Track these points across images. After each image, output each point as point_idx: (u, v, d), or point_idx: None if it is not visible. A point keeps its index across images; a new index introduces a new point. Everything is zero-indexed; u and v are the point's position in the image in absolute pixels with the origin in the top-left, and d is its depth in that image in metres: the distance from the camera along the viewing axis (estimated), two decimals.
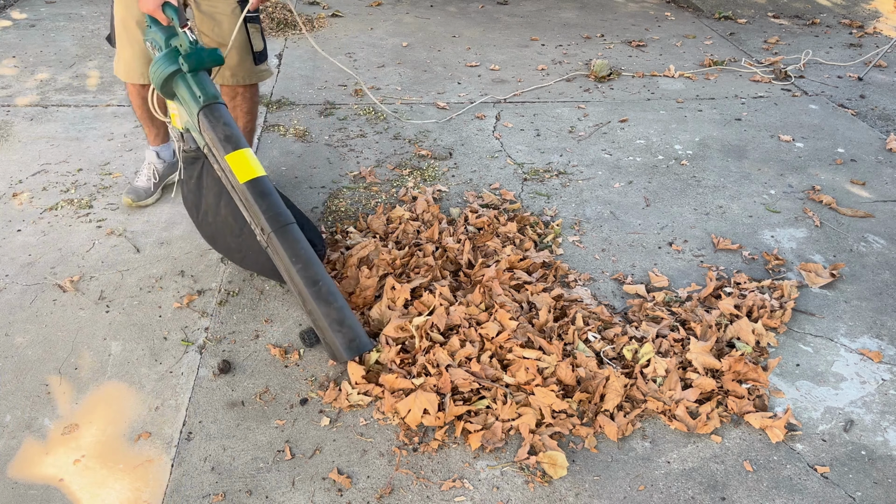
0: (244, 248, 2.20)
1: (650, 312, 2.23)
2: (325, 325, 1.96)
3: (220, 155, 2.06)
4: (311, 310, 1.99)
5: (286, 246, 2.01)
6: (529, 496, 1.68)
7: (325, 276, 2.01)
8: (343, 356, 1.95)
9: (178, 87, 2.11)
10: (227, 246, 2.26)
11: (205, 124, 2.07)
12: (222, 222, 2.20)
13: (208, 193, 2.21)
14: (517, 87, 4.03)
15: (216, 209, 2.20)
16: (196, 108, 2.07)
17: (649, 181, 3.08)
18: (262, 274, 2.30)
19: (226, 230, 2.21)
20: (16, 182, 2.90)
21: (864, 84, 4.24)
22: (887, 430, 1.89)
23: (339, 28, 5.01)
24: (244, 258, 2.25)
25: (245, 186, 2.04)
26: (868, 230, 2.76)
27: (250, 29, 2.43)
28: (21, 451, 1.76)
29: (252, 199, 2.03)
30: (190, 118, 2.12)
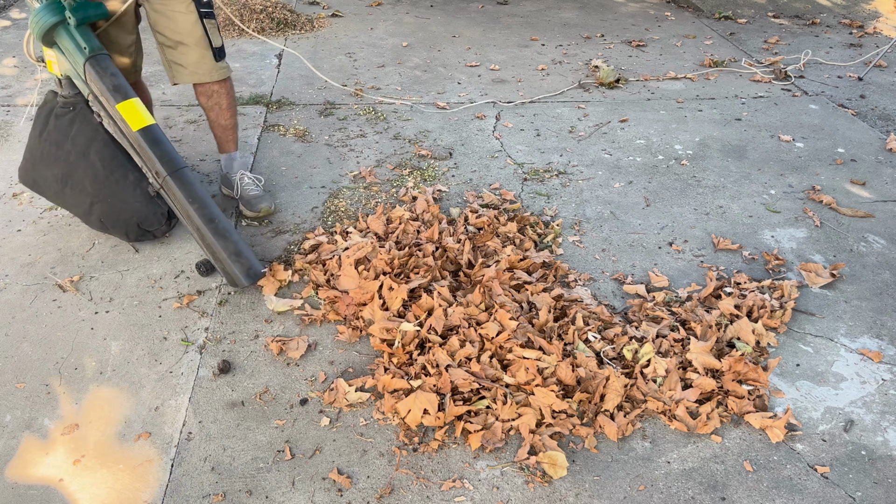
0: (103, 195, 2.32)
1: (650, 312, 2.23)
2: (223, 256, 2.21)
3: (111, 104, 2.20)
4: (208, 244, 2.23)
5: (182, 187, 2.22)
6: (529, 496, 1.68)
7: (219, 214, 2.26)
8: (242, 282, 2.24)
9: (61, 38, 2.21)
10: (80, 188, 2.34)
11: (92, 74, 2.20)
12: (87, 166, 2.30)
13: (78, 136, 2.31)
14: (517, 88, 4.03)
15: (83, 150, 2.30)
16: (82, 59, 2.19)
17: (649, 181, 3.08)
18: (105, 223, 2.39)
19: (87, 174, 2.31)
20: (16, 182, 2.90)
21: (864, 84, 4.24)
22: (887, 430, 1.89)
23: (339, 28, 5.01)
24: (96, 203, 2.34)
25: (138, 134, 2.20)
26: (868, 230, 2.76)
27: (207, 25, 2.43)
28: (21, 451, 1.76)
29: (146, 146, 2.21)
30: (74, 68, 2.22)
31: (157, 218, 2.38)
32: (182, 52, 2.46)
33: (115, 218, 2.36)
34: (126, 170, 2.31)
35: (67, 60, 2.23)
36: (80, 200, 2.38)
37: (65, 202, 2.45)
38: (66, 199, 2.43)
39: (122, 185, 2.31)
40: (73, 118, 2.32)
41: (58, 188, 2.41)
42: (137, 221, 2.36)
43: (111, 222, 2.38)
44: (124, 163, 2.31)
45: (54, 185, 2.41)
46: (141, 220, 2.36)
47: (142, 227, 2.38)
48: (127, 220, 2.35)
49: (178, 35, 2.42)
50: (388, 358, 2.01)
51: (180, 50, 2.46)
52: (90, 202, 2.36)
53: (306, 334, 2.14)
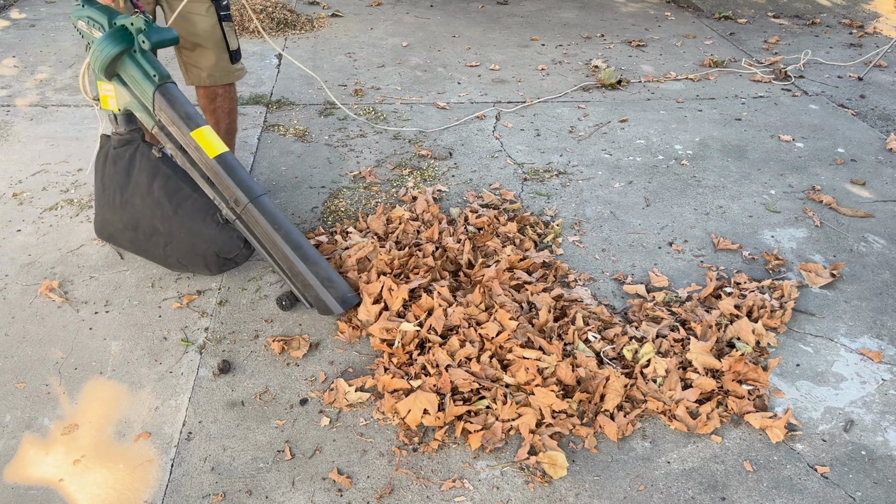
0: (174, 230, 2.23)
1: (650, 312, 2.23)
2: (315, 283, 2.11)
3: (185, 131, 2.09)
4: (297, 272, 2.12)
5: (265, 214, 2.12)
6: (529, 496, 1.68)
7: (305, 241, 2.16)
8: (337, 309, 2.13)
9: (126, 67, 2.10)
10: (152, 229, 2.26)
11: (162, 103, 2.09)
12: (153, 203, 2.22)
13: (140, 175, 2.22)
14: (517, 88, 4.03)
15: (147, 190, 2.22)
16: (151, 88, 2.09)
17: (649, 181, 3.08)
18: (184, 260, 2.28)
19: (155, 213, 2.23)
20: (16, 182, 2.90)
21: (864, 84, 4.24)
22: (887, 430, 1.89)
23: (339, 28, 5.01)
24: (170, 242, 2.26)
25: (215, 161, 2.10)
26: (868, 230, 2.76)
27: (225, 28, 2.43)
28: (21, 452, 1.76)
29: (224, 173, 2.11)
30: (141, 98, 2.13)
31: (235, 243, 2.25)
32: (200, 55, 2.46)
33: (192, 252, 2.25)
34: (194, 200, 2.22)
35: (129, 92, 2.14)
36: (155, 242, 2.28)
37: (141, 249, 2.35)
38: (140, 245, 2.33)
39: (192, 216, 2.21)
40: (132, 157, 2.23)
41: (131, 235, 2.32)
42: (216, 251, 2.24)
43: (189, 258, 2.27)
44: (190, 194, 2.22)
45: (127, 233, 2.32)
46: (219, 249, 2.24)
47: (220, 255, 2.26)
48: (205, 251, 2.24)
49: (197, 37, 2.42)
50: (388, 358, 2.01)
51: (198, 52, 2.46)
52: (164, 242, 2.26)
53: (307, 333, 2.14)
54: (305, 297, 2.17)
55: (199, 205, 2.22)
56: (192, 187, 2.23)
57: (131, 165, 2.23)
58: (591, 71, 4.31)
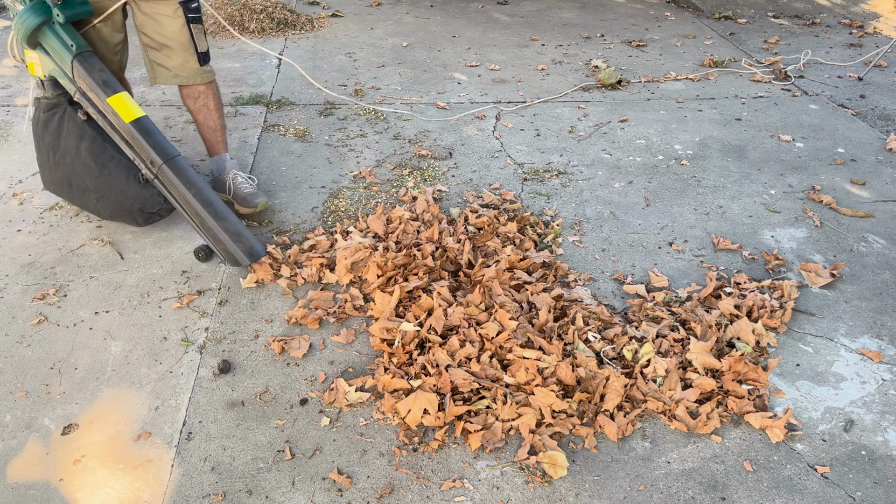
0: (102, 188, 2.41)
1: (650, 312, 2.23)
2: (224, 237, 2.30)
3: (102, 98, 2.26)
4: (208, 227, 2.30)
5: (179, 174, 2.30)
6: (529, 496, 1.68)
7: (216, 198, 2.35)
8: (245, 261, 2.33)
9: (46, 38, 2.26)
10: (83, 187, 2.44)
11: (80, 71, 2.25)
12: (81, 164, 2.39)
13: (68, 137, 2.38)
14: (517, 88, 4.03)
15: (76, 151, 2.38)
16: (70, 57, 2.25)
17: (649, 181, 3.08)
18: (113, 215, 2.49)
19: (84, 172, 2.40)
20: (16, 182, 2.90)
21: (864, 84, 4.24)
22: (887, 430, 1.89)
23: (339, 28, 5.01)
24: (101, 198, 2.44)
25: (131, 125, 2.27)
26: (868, 230, 2.76)
27: (194, 30, 2.45)
28: (21, 451, 1.76)
29: (139, 136, 2.28)
30: (61, 66, 2.27)
31: (157, 199, 2.43)
32: (166, 55, 2.49)
33: (119, 208, 2.44)
34: (117, 161, 2.39)
35: (52, 60, 2.28)
36: (87, 198, 2.47)
37: (78, 202, 2.55)
38: (76, 199, 2.53)
39: (116, 175, 2.38)
40: (60, 120, 2.39)
41: (68, 191, 2.51)
42: (140, 206, 2.42)
43: (117, 213, 2.47)
44: (114, 154, 2.39)
45: (65, 188, 2.50)
46: (143, 205, 2.42)
47: (145, 210, 2.44)
48: (130, 207, 2.42)
49: (164, 38, 2.45)
50: (388, 358, 2.01)
51: (165, 52, 2.48)
52: (95, 199, 2.45)
53: (307, 333, 2.14)
54: (217, 249, 2.35)
55: (122, 164, 2.39)
56: (116, 148, 2.39)
57: (60, 128, 2.40)
58: (591, 71, 4.31)
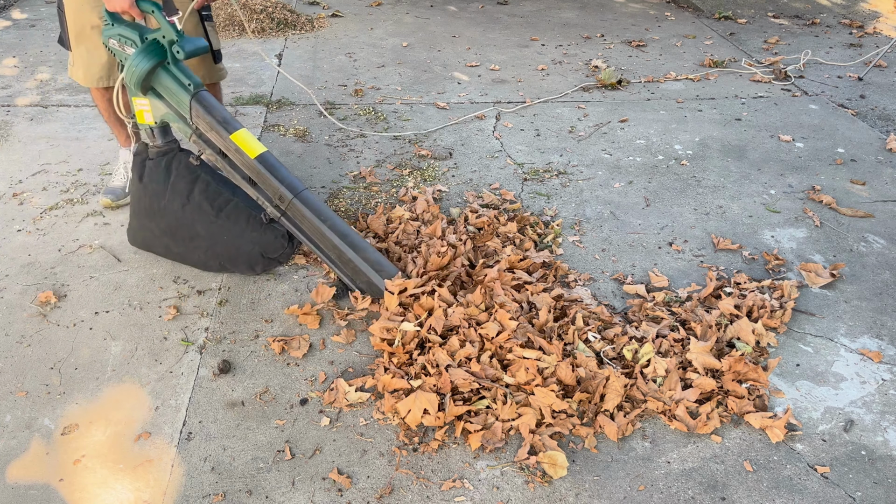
0: (216, 234, 2.28)
1: (650, 312, 2.23)
2: (365, 268, 2.19)
3: (224, 136, 2.16)
4: (346, 260, 2.20)
5: (311, 207, 2.19)
6: (529, 496, 1.68)
7: (350, 228, 2.24)
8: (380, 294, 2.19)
9: (161, 80, 2.15)
10: (192, 234, 2.29)
11: (199, 110, 2.15)
12: (194, 209, 2.26)
13: (178, 181, 2.26)
14: (517, 88, 4.03)
15: (187, 197, 2.26)
16: (188, 97, 2.14)
17: (649, 181, 3.08)
18: (226, 263, 2.33)
19: (196, 218, 2.27)
20: (16, 182, 2.90)
21: (864, 84, 4.24)
22: (887, 430, 1.89)
23: (339, 28, 5.01)
24: (212, 245, 2.29)
25: (256, 161, 2.16)
26: (868, 230, 2.76)
27: (207, 28, 2.44)
28: (21, 451, 1.76)
29: (266, 172, 2.17)
30: (178, 108, 2.18)
31: (280, 242, 2.29)
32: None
33: (236, 254, 2.30)
34: (234, 205, 2.27)
35: (165, 103, 2.18)
36: (195, 246, 2.31)
37: (178, 254, 2.38)
38: (177, 250, 2.36)
39: (235, 219, 2.26)
40: (168, 165, 2.26)
41: (168, 241, 2.35)
42: (261, 251, 2.29)
43: (233, 260, 2.32)
44: (230, 198, 2.27)
45: (164, 239, 2.35)
46: (264, 249, 2.29)
47: (265, 255, 2.31)
48: (250, 252, 2.29)
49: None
50: (388, 358, 2.01)
51: None
52: (206, 246, 2.30)
53: (307, 333, 2.14)
54: (356, 283, 2.23)
55: (240, 208, 2.27)
56: (232, 191, 2.28)
57: (168, 173, 2.27)
58: (591, 71, 4.31)
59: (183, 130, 2.21)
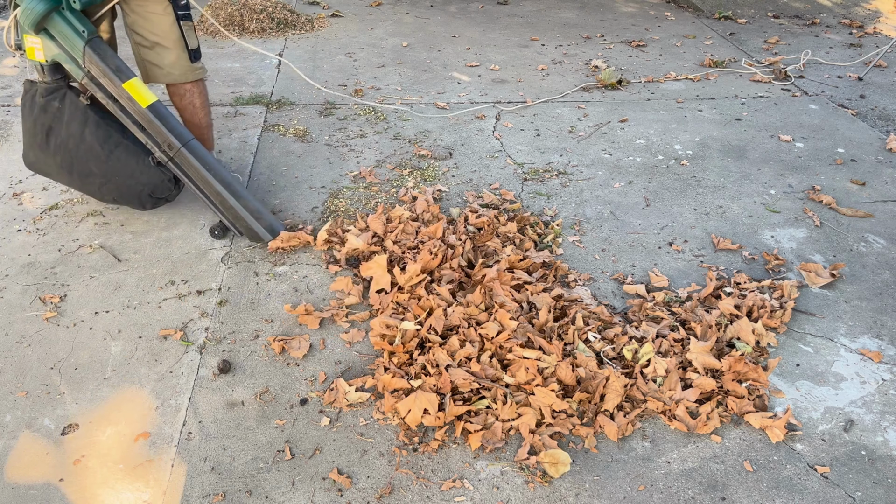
0: (109, 173, 2.42)
1: (650, 312, 2.23)
2: (245, 215, 2.45)
3: (117, 83, 2.30)
4: (229, 206, 2.43)
5: (197, 157, 2.39)
6: (529, 496, 1.68)
7: (233, 178, 2.48)
8: (266, 237, 2.50)
9: (55, 24, 2.24)
10: (86, 171, 2.43)
11: (92, 56, 2.27)
12: (86, 150, 2.39)
13: (71, 122, 2.38)
14: (517, 88, 4.03)
15: (80, 137, 2.38)
16: (82, 42, 2.26)
17: (649, 181, 3.08)
18: (118, 198, 2.52)
19: (88, 157, 2.40)
20: (16, 182, 2.90)
21: (864, 84, 4.24)
22: (887, 430, 1.89)
23: (339, 28, 5.01)
24: (106, 183, 2.45)
25: (147, 110, 2.32)
26: (868, 230, 2.76)
27: (184, 27, 2.46)
28: (21, 451, 1.76)
29: (156, 121, 2.33)
30: (70, 51, 2.28)
31: (167, 185, 2.47)
32: (158, 53, 2.49)
33: (126, 192, 2.46)
34: (124, 146, 2.40)
35: (58, 45, 2.27)
36: (90, 182, 2.47)
37: (75, 185, 2.53)
38: (75, 183, 2.51)
39: (125, 161, 2.40)
40: (61, 104, 2.37)
41: (66, 176, 2.48)
42: (149, 192, 2.47)
43: (124, 197, 2.50)
44: (121, 140, 2.40)
45: (62, 172, 2.48)
46: (152, 190, 2.46)
47: (153, 195, 2.48)
48: (139, 192, 2.46)
49: (155, 36, 2.45)
50: (388, 357, 2.01)
51: (156, 51, 2.49)
52: (99, 183, 2.45)
53: (307, 333, 2.14)
54: (236, 226, 2.48)
55: (130, 149, 2.40)
56: (122, 132, 2.40)
57: (60, 113, 2.39)
58: (592, 71, 4.31)
59: (74, 72, 2.31)
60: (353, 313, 2.22)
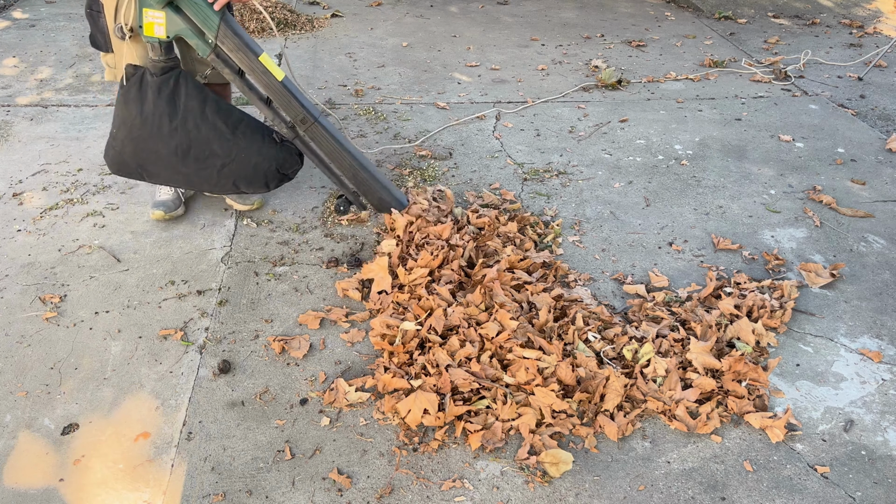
0: (234, 152, 2.33)
1: (650, 312, 2.23)
2: (377, 187, 2.53)
3: (252, 57, 2.23)
4: (361, 179, 2.49)
5: (331, 130, 2.41)
6: (529, 496, 1.68)
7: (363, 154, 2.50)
8: (399, 207, 2.57)
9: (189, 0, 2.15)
10: (207, 153, 2.32)
11: (227, 31, 2.19)
12: (208, 128, 2.29)
13: (189, 100, 2.26)
14: (517, 88, 4.03)
15: (200, 114, 2.27)
16: (217, 17, 2.17)
17: (649, 181, 3.08)
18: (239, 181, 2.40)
19: (212, 136, 2.30)
20: (16, 182, 2.90)
21: (864, 84, 4.24)
22: (887, 430, 1.89)
23: (339, 28, 5.01)
24: (229, 163, 2.34)
25: (283, 84, 2.29)
26: (868, 230, 2.76)
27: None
28: (21, 451, 1.76)
29: (291, 94, 2.30)
30: (201, 25, 2.18)
31: (294, 158, 2.44)
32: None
33: (252, 171, 2.38)
34: (248, 122, 2.34)
35: (185, 20, 2.16)
36: (208, 165, 2.34)
37: (184, 175, 2.37)
38: (185, 170, 2.35)
39: (251, 137, 2.33)
40: (176, 84, 2.24)
41: (175, 162, 2.32)
42: (277, 167, 2.41)
43: (247, 178, 2.40)
44: (243, 115, 2.34)
45: (172, 160, 2.32)
46: (280, 165, 2.42)
47: (281, 171, 2.43)
48: (266, 169, 2.39)
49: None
50: (388, 357, 2.01)
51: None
52: (220, 164, 2.34)
53: (307, 333, 2.14)
54: (366, 198, 2.55)
55: (253, 125, 2.35)
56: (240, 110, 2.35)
57: (176, 92, 2.25)
58: (592, 71, 4.31)
59: (199, 48, 2.21)
60: (353, 313, 2.22)
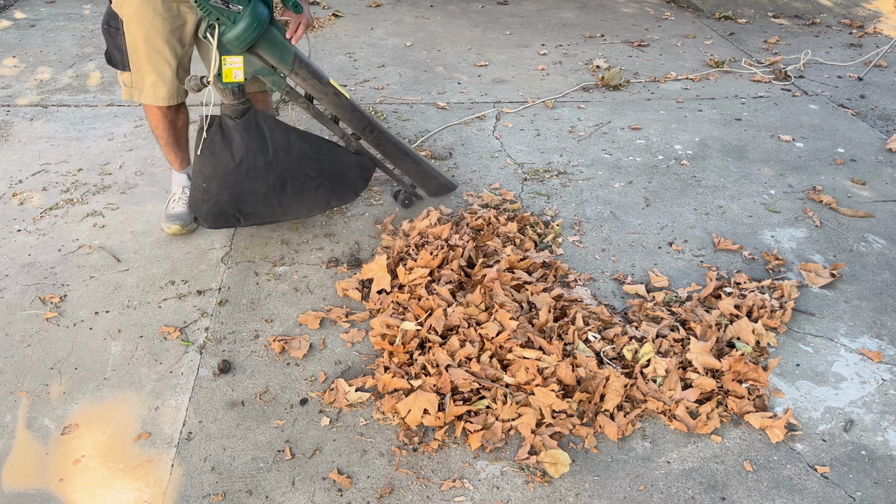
0: (325, 170, 2.41)
1: (650, 312, 2.23)
2: (436, 173, 2.72)
3: (325, 82, 2.30)
4: (422, 170, 2.65)
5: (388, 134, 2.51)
6: (529, 496, 1.68)
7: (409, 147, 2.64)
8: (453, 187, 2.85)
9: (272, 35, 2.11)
10: (302, 178, 2.36)
11: (300, 61, 2.22)
12: (297, 156, 2.32)
13: (274, 134, 2.27)
14: (517, 88, 4.03)
15: (287, 145, 2.30)
16: (293, 52, 2.19)
17: (649, 181, 3.08)
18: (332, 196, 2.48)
19: (302, 162, 2.34)
20: (16, 182, 2.90)
21: (864, 84, 4.24)
22: (887, 430, 1.89)
23: (339, 28, 5.01)
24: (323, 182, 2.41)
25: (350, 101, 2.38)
26: (868, 230, 2.76)
27: None
28: (21, 451, 1.76)
29: (356, 107, 2.40)
30: (278, 61, 2.17)
31: (370, 163, 2.53)
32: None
33: (343, 182, 2.48)
34: (321, 139, 2.41)
35: (261, 59, 2.14)
36: (305, 189, 2.39)
37: (283, 208, 2.41)
38: (285, 203, 2.38)
39: (332, 150, 2.42)
40: (257, 122, 2.24)
41: (275, 196, 2.34)
42: (360, 171, 2.52)
43: (340, 191, 2.50)
44: (314, 135, 2.40)
45: (271, 195, 2.33)
46: (363, 168, 2.51)
47: (364, 177, 2.52)
48: (353, 176, 2.50)
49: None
50: (388, 357, 2.01)
51: None
52: (316, 185, 2.40)
53: (307, 333, 2.14)
54: (427, 186, 2.72)
55: (328, 143, 2.42)
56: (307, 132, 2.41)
57: (260, 129, 2.27)
58: (592, 71, 4.31)
59: (276, 83, 2.22)
60: (353, 313, 2.22)
